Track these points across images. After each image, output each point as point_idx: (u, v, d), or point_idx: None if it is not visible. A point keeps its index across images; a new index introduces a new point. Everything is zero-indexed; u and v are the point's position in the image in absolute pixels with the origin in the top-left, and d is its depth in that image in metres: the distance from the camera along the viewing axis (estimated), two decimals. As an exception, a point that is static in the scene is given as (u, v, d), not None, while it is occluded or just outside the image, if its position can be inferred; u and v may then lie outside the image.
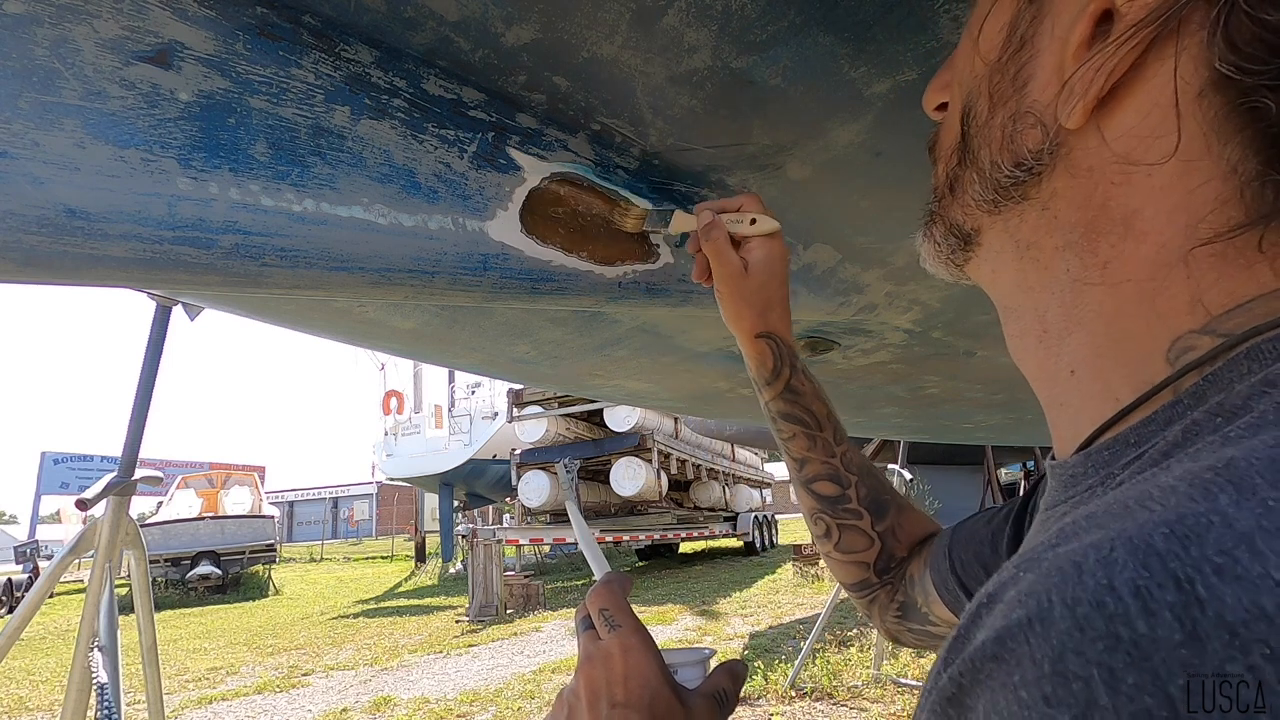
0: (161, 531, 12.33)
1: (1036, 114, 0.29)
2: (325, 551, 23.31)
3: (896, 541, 0.62)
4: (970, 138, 0.33)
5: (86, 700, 1.57)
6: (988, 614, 0.19)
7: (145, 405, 1.76)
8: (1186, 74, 0.24)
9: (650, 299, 0.75)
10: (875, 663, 4.24)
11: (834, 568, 0.66)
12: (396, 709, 4.39)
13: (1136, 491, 0.19)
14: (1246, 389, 0.21)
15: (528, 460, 10.70)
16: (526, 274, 0.65)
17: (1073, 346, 0.29)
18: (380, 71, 0.55)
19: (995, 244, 0.34)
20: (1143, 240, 0.26)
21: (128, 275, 0.50)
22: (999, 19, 0.32)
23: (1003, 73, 0.31)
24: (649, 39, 0.56)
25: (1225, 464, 0.17)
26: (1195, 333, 0.24)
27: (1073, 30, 0.27)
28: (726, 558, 13.66)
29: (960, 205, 0.34)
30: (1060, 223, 0.29)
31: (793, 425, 0.63)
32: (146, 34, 0.46)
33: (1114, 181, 0.27)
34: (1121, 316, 0.26)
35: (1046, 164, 0.29)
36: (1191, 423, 0.22)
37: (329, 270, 0.55)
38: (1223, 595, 0.15)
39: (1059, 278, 0.29)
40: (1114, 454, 0.25)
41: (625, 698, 0.45)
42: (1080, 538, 0.18)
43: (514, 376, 1.53)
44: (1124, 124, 0.26)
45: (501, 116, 0.62)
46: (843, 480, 0.62)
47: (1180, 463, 0.20)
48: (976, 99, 0.33)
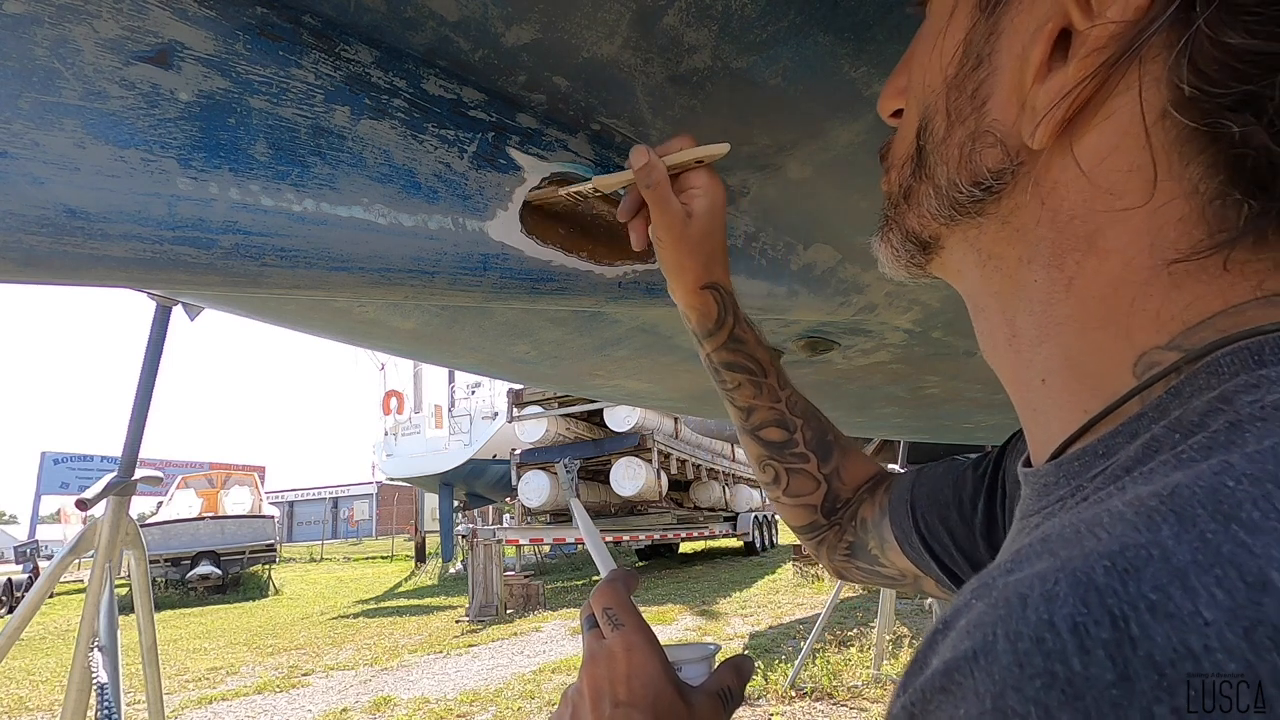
0: (161, 531, 12.33)
1: (996, 134, 0.29)
2: (325, 551, 23.31)
3: (841, 483, 0.63)
4: (926, 154, 0.33)
5: (86, 700, 1.57)
6: (942, 640, 0.19)
7: (145, 405, 1.76)
8: (1149, 95, 0.24)
9: (650, 299, 0.75)
10: (875, 663, 4.24)
11: (783, 512, 0.67)
12: (396, 709, 4.39)
13: (1089, 515, 0.19)
14: (1203, 404, 0.21)
15: (528, 460, 10.70)
16: (526, 274, 0.65)
17: (1044, 356, 0.29)
18: (380, 71, 0.55)
19: (956, 250, 0.33)
20: (1107, 258, 0.26)
21: (128, 275, 0.50)
22: (955, 34, 0.31)
23: (960, 90, 0.30)
24: (649, 39, 0.56)
25: (1170, 492, 0.17)
26: (1161, 348, 0.24)
27: (1031, 49, 0.27)
28: (726, 558, 13.66)
29: (916, 215, 0.34)
30: (1023, 237, 0.29)
31: (738, 374, 0.62)
32: (146, 34, 0.46)
33: (1077, 200, 0.27)
34: (1089, 330, 0.27)
35: (1008, 183, 0.29)
36: (1151, 438, 0.22)
37: (329, 270, 0.55)
38: (1154, 634, 0.15)
39: (1025, 287, 0.29)
40: (1084, 464, 0.26)
41: (628, 697, 0.45)
42: (1032, 564, 0.19)
43: (514, 376, 1.53)
44: (1089, 145, 0.26)
45: (501, 116, 0.62)
46: (789, 425, 0.63)
47: (1135, 483, 0.20)
48: (933, 115, 0.32)
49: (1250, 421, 0.19)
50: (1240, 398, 0.20)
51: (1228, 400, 0.20)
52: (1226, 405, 0.20)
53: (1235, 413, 0.20)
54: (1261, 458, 0.17)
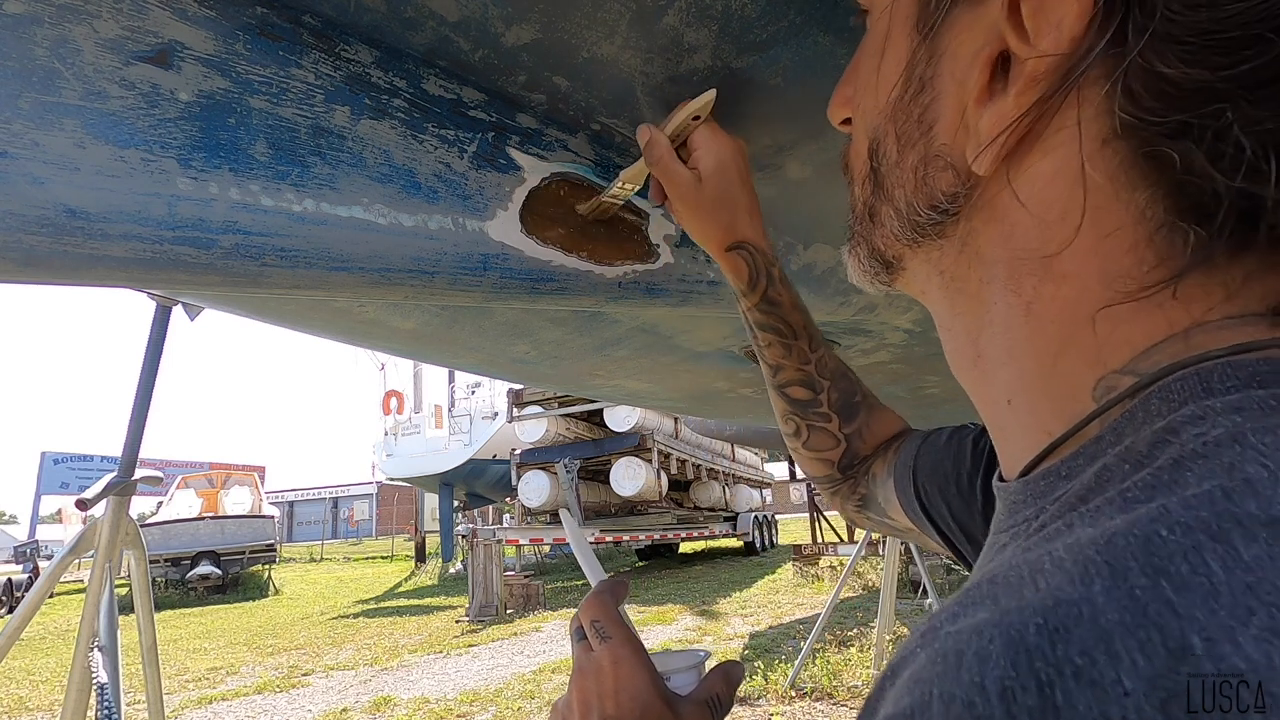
0: (161, 531, 12.33)
1: (947, 158, 0.29)
2: (325, 551, 23.31)
3: (862, 442, 0.64)
4: (882, 176, 0.32)
5: (86, 700, 1.57)
6: (890, 688, 0.20)
7: (145, 405, 1.76)
8: (1092, 123, 0.24)
9: (650, 299, 0.75)
10: (875, 663, 4.24)
11: (799, 460, 0.68)
12: (396, 709, 4.39)
13: (1035, 557, 0.19)
14: (1151, 435, 0.21)
15: (528, 460, 10.70)
16: (526, 274, 0.65)
17: (1007, 378, 0.29)
18: (380, 71, 0.55)
19: (919, 272, 0.33)
20: (1063, 283, 0.26)
21: (128, 275, 0.50)
22: (896, 56, 0.31)
23: (907, 114, 0.30)
24: (649, 39, 0.56)
25: (1107, 541, 0.17)
26: (1117, 373, 0.24)
27: (970, 74, 0.27)
28: (726, 558, 13.66)
29: (880, 235, 0.34)
30: (981, 259, 0.29)
31: (769, 334, 0.63)
32: (146, 34, 0.46)
33: (1030, 225, 0.26)
34: (1049, 354, 0.27)
35: (963, 205, 0.29)
36: (1104, 466, 0.22)
37: (329, 270, 0.55)
38: (1076, 703, 0.15)
39: (987, 310, 0.29)
40: (1048, 484, 0.26)
41: (616, 711, 0.46)
42: (974, 612, 0.19)
43: (514, 376, 1.53)
44: (1033, 172, 0.26)
45: (501, 116, 0.62)
46: (815, 386, 0.63)
47: (1083, 521, 0.20)
48: (883, 137, 0.32)
49: (1192, 459, 0.19)
50: (1186, 430, 0.20)
51: (1174, 432, 0.20)
52: (1173, 437, 0.20)
53: (1180, 447, 0.20)
54: (1197, 503, 0.17)
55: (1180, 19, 0.21)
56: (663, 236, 0.73)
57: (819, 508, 11.04)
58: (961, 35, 0.27)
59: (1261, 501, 0.16)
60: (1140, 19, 0.22)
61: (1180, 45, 0.21)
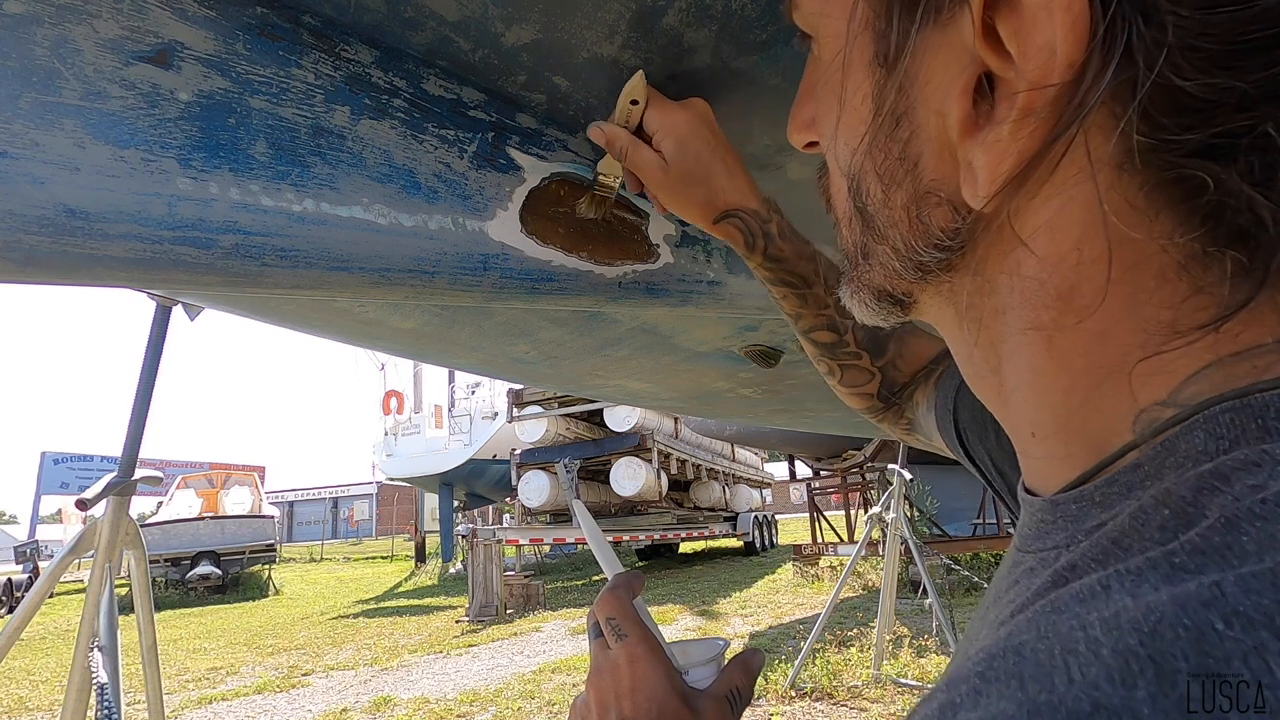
0: (161, 531, 12.33)
1: (939, 194, 0.26)
2: (325, 552, 23.30)
3: (898, 371, 0.64)
4: (870, 216, 0.29)
5: (86, 700, 1.57)
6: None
7: (145, 405, 1.76)
8: (1102, 147, 0.21)
9: (650, 299, 0.75)
10: (875, 663, 4.24)
11: (840, 395, 0.68)
12: (396, 709, 4.39)
13: (1066, 629, 0.17)
14: (1196, 478, 0.19)
15: (528, 460, 10.71)
16: (526, 274, 0.65)
17: (1033, 411, 0.27)
18: (380, 71, 0.55)
19: (931, 305, 0.31)
20: (1085, 314, 0.23)
21: (128, 275, 0.50)
22: (858, 87, 0.28)
23: (885, 152, 0.27)
24: (649, 39, 0.56)
25: (1152, 629, 0.15)
26: (1160, 404, 0.22)
27: (949, 104, 0.24)
28: (726, 558, 13.66)
29: (882, 274, 0.31)
30: (995, 288, 0.26)
31: (780, 288, 0.62)
32: (146, 34, 0.46)
33: (1044, 255, 0.24)
34: (1078, 390, 0.24)
35: (967, 239, 0.26)
36: (1141, 509, 0.20)
37: (329, 270, 0.55)
38: None
39: (1006, 341, 0.27)
40: (1080, 509, 0.24)
41: (633, 711, 0.45)
42: (998, 695, 0.17)
43: (514, 376, 1.53)
44: (1038, 201, 0.23)
45: (501, 116, 0.62)
46: (838, 328, 0.63)
47: (1121, 584, 0.18)
48: (862, 177, 0.29)
49: (1249, 520, 0.16)
50: (1240, 480, 0.18)
51: (1224, 479, 0.18)
52: (1224, 485, 0.18)
53: (1234, 500, 0.17)
54: (1259, 586, 0.15)
55: (1193, 24, 0.18)
56: (663, 236, 0.73)
57: (819, 508, 11.03)
58: (932, 61, 0.24)
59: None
60: (1146, 30, 0.19)
61: (1196, 53, 0.18)
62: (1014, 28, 0.21)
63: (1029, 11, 0.20)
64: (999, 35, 0.21)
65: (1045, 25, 0.20)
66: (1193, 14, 0.18)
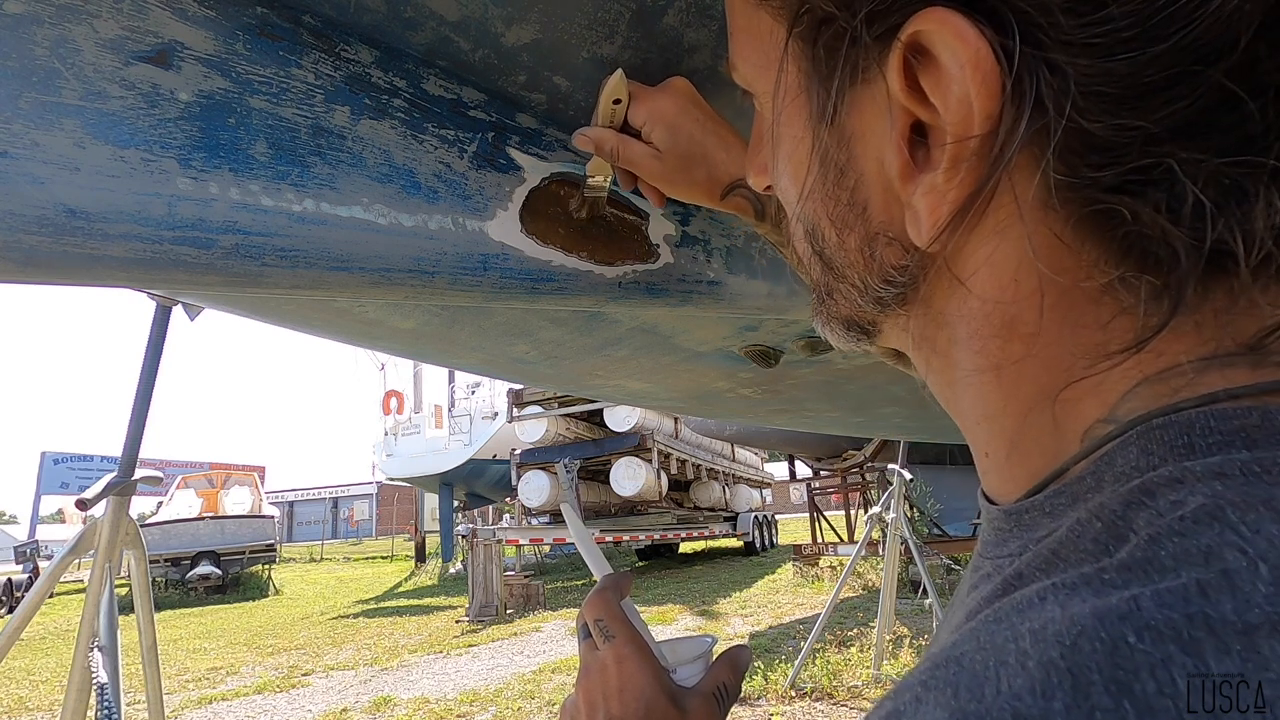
0: (161, 531, 12.34)
1: (887, 234, 0.27)
2: (325, 551, 23.31)
3: None
4: (829, 258, 0.31)
5: (86, 700, 1.57)
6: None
7: (145, 405, 1.76)
8: (1027, 186, 0.23)
9: (650, 299, 0.75)
10: (875, 663, 4.24)
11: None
12: (396, 709, 4.39)
13: (1001, 641, 0.18)
14: (1126, 492, 0.20)
15: (528, 460, 10.71)
16: (526, 274, 0.65)
17: (985, 435, 0.28)
18: (380, 71, 0.55)
19: (893, 333, 0.33)
20: (1029, 343, 0.25)
21: (128, 275, 0.50)
22: (799, 142, 0.30)
23: (835, 200, 0.29)
24: (649, 39, 0.56)
25: (1073, 642, 0.16)
26: (1102, 421, 0.24)
27: (887, 154, 0.25)
28: (726, 558, 13.66)
29: (848, 306, 0.33)
30: (945, 320, 0.28)
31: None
32: (146, 34, 0.46)
33: (985, 289, 0.25)
34: (1025, 414, 0.26)
35: (917, 275, 0.28)
36: (1077, 521, 0.21)
37: (329, 270, 0.55)
38: None
39: (957, 368, 0.28)
40: (1031, 519, 0.25)
41: (620, 711, 0.46)
42: (935, 702, 0.18)
43: (514, 376, 1.53)
44: (975, 239, 0.25)
45: (501, 116, 0.62)
46: None
47: (1056, 596, 0.19)
48: (816, 222, 0.31)
49: (1168, 536, 0.18)
50: (1163, 496, 0.19)
51: (1150, 494, 0.19)
52: (1149, 500, 0.19)
53: (1157, 516, 0.19)
54: (1172, 600, 0.16)
55: (1094, 71, 0.20)
56: (663, 236, 0.73)
57: (819, 508, 11.04)
58: (865, 116, 0.26)
59: (1238, 603, 0.15)
60: (1052, 79, 0.20)
61: (1101, 98, 0.20)
62: (934, 81, 0.22)
63: (945, 68, 0.22)
64: (923, 89, 0.23)
65: (960, 81, 0.21)
66: (1093, 62, 0.19)
